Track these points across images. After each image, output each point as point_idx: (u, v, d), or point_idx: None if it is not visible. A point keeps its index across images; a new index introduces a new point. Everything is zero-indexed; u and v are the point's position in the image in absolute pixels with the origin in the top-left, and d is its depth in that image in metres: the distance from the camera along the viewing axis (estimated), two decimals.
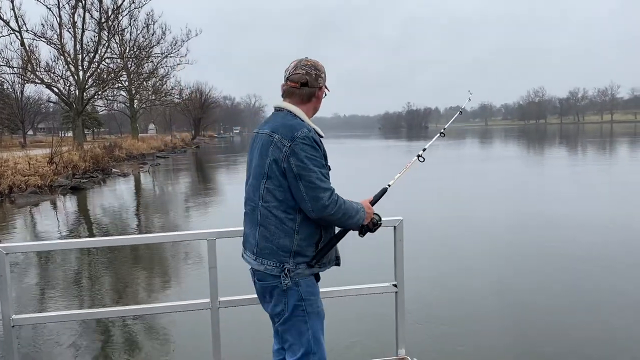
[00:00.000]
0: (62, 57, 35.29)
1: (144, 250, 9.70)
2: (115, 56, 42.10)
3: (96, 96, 41.47)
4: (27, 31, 33.14)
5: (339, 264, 2.61)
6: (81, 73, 36.21)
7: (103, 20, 36.58)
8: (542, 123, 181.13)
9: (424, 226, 10.88)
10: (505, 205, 13.89)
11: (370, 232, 2.62)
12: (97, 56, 37.00)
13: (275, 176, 2.38)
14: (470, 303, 6.52)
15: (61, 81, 36.63)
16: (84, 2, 35.53)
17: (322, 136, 2.50)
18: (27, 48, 33.32)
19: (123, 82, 46.04)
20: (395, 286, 3.02)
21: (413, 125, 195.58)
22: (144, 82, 50.03)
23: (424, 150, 3.01)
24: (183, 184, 24.55)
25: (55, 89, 36.27)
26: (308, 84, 2.48)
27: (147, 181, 26.03)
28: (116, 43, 42.67)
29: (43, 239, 11.29)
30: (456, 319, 6.02)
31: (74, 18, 35.35)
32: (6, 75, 39.16)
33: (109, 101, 54.86)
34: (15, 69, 35.52)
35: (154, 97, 56.03)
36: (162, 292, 7.58)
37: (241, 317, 5.25)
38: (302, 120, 2.45)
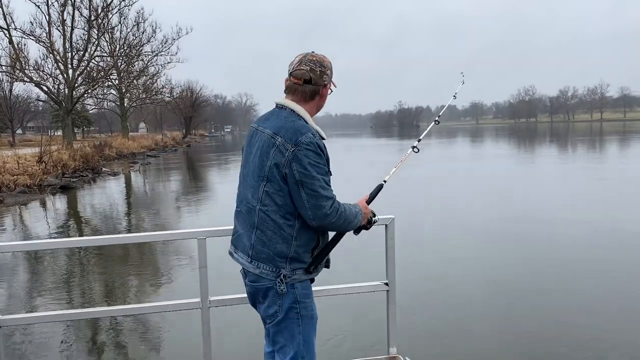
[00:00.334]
0: (51, 55, 35.00)
1: (134, 250, 9.64)
2: (105, 54, 41.82)
3: (86, 95, 41.13)
4: (16, 29, 32.93)
5: (328, 266, 2.56)
6: (70, 71, 35.94)
7: (93, 18, 36.33)
8: (533, 121, 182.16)
9: (414, 225, 10.90)
10: (495, 203, 13.96)
11: (365, 229, 2.58)
12: (86, 54, 36.74)
13: (275, 180, 2.28)
14: (462, 301, 6.54)
15: (50, 79, 36.35)
16: (73, 0, 35.28)
17: (323, 138, 2.39)
18: (16, 46, 33.03)
19: (113, 81, 45.75)
20: (387, 285, 3.01)
21: (405, 123, 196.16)
22: (135, 81, 49.73)
23: (419, 140, 2.96)
24: (174, 183, 24.45)
25: (45, 88, 35.98)
26: (312, 82, 2.35)
27: (137, 180, 25.89)
28: (106, 41, 42.38)
29: (32, 238, 11.19)
30: (447, 317, 6.03)
31: (63, 16, 35.09)
32: None
33: (99, 100, 54.31)
34: (4, 67, 35.23)
35: (144, 96, 55.73)
36: (153, 291, 7.53)
37: (232, 316, 5.22)
38: (306, 122, 2.34)
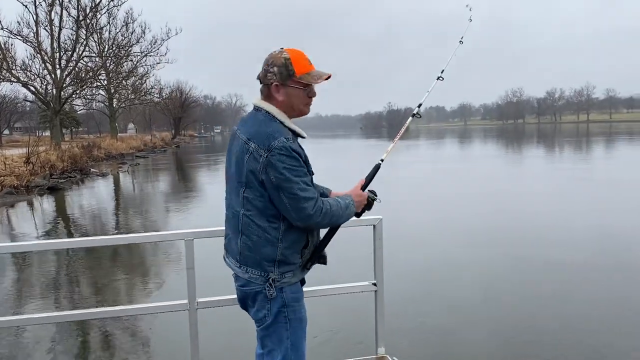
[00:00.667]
0: (38, 55, 34.73)
1: (123, 251, 9.58)
2: (94, 55, 41.54)
3: (74, 95, 40.85)
4: (2, 29, 32.65)
5: (325, 262, 2.55)
6: (58, 72, 35.66)
7: (81, 18, 36.06)
8: (521, 123, 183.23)
9: (403, 225, 10.93)
10: (483, 204, 14.05)
11: (368, 210, 2.58)
12: (75, 55, 36.47)
13: (254, 186, 2.27)
14: (451, 302, 6.57)
15: (38, 80, 36.08)
16: (60, 0, 35.00)
17: (303, 137, 2.37)
18: (3, 46, 32.70)
19: (102, 81, 45.49)
20: (375, 285, 3.03)
21: (394, 124, 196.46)
22: (123, 81, 49.47)
23: (419, 106, 2.90)
24: (163, 183, 24.34)
25: (32, 88, 35.67)
26: (262, 81, 2.35)
27: (126, 181, 25.73)
28: (94, 41, 42.07)
29: (19, 240, 11.09)
30: (436, 317, 6.06)
31: (50, 16, 34.82)
32: None
33: (87, 100, 54.15)
34: None
35: (133, 97, 55.46)
36: (141, 292, 7.49)
37: (220, 318, 5.21)
38: (280, 123, 2.33)
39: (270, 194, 2.25)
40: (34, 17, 34.04)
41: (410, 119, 2.88)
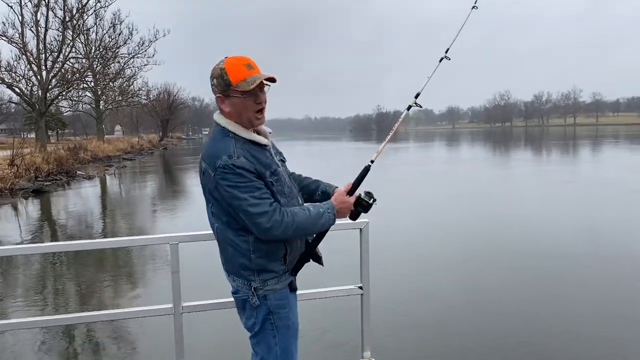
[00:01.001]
0: (24, 56, 34.38)
1: (109, 254, 9.49)
2: (81, 56, 41.26)
3: (60, 97, 40.49)
4: None
5: (321, 263, 2.55)
6: (44, 73, 35.32)
7: (67, 19, 35.76)
8: (508, 126, 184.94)
9: (390, 228, 10.96)
10: (471, 206, 14.13)
11: (365, 212, 2.54)
12: (61, 56, 36.13)
13: (216, 202, 2.30)
14: (436, 304, 6.59)
15: (23, 81, 35.70)
16: (47, 0, 34.71)
17: (263, 144, 2.32)
18: None
19: (88, 83, 45.10)
20: (361, 288, 3.02)
21: (383, 127, 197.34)
22: (110, 83, 49.14)
23: (416, 96, 2.70)
24: (150, 186, 24.18)
25: (17, 90, 35.31)
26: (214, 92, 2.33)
27: (112, 184, 25.53)
28: (81, 43, 41.81)
29: (3, 244, 10.95)
30: (422, 320, 6.07)
31: (36, 17, 34.52)
32: None
33: (73, 102, 53.55)
34: None
35: (120, 98, 55.06)
36: (127, 296, 7.42)
37: (205, 322, 5.18)
38: (231, 137, 2.26)
39: (229, 210, 2.27)
40: (20, 17, 33.79)
41: (405, 112, 2.74)
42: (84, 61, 41.21)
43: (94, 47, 42.59)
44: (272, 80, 2.30)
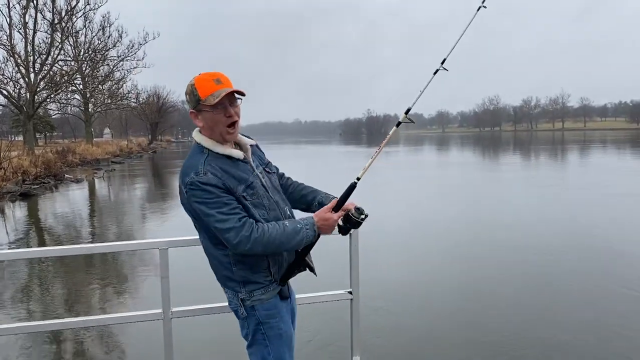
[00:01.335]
0: (12, 58, 34.11)
1: (97, 259, 9.42)
2: (69, 59, 41.01)
3: (48, 99, 40.17)
4: None
5: (314, 271, 2.58)
6: (32, 75, 35.05)
7: (56, 21, 35.55)
8: (497, 130, 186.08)
9: (381, 231, 10.98)
10: (460, 209, 14.20)
11: (355, 228, 2.54)
12: (49, 58, 35.92)
13: (192, 218, 2.37)
14: (426, 308, 6.61)
15: (11, 83, 35.43)
16: (35, 2, 34.47)
17: (238, 158, 2.33)
18: None
19: (77, 85, 44.90)
20: (351, 293, 3.03)
21: (373, 131, 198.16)
22: (100, 86, 48.91)
23: (406, 112, 2.76)
24: (139, 190, 24.04)
25: (5, 92, 34.97)
26: None
27: (101, 187, 25.34)
28: (70, 45, 41.57)
29: None
30: (412, 324, 6.09)
31: (25, 19, 34.28)
32: None
33: (62, 105, 53.10)
34: None
35: (109, 101, 54.77)
36: (116, 302, 7.37)
37: (195, 327, 5.16)
38: (204, 153, 2.30)
39: (205, 225, 2.32)
40: (8, 19, 33.51)
41: (395, 128, 2.78)
42: (72, 64, 40.97)
43: (83, 50, 42.35)
44: (239, 93, 2.32)
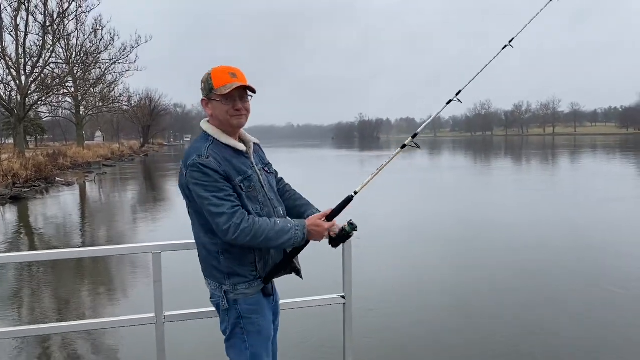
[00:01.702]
0: (2, 61, 33.88)
1: (88, 263, 9.36)
2: (61, 61, 40.79)
3: (39, 102, 39.91)
4: None
5: (300, 275, 2.60)
6: (23, 78, 34.85)
7: (48, 24, 35.38)
8: (489, 135, 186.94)
9: (372, 234, 11.00)
10: (452, 211, 14.25)
11: (343, 242, 2.57)
12: (41, 61, 35.73)
13: (188, 200, 2.40)
14: (420, 309, 6.62)
15: (1, 86, 35.14)
16: (27, 4, 34.30)
17: (240, 150, 2.40)
18: None
19: (69, 88, 44.60)
20: (344, 297, 3.02)
21: (365, 135, 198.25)
22: (91, 89, 48.65)
23: (413, 137, 2.85)
24: (130, 193, 23.93)
25: None
26: None
27: (92, 191, 25.19)
28: (62, 48, 41.36)
29: None
30: (405, 326, 6.09)
31: (16, 21, 34.12)
32: None
33: (53, 107, 52.90)
34: None
35: (101, 104, 54.53)
36: (108, 306, 7.32)
37: (188, 331, 5.14)
38: (209, 140, 2.38)
39: (201, 210, 2.34)
40: None
41: (399, 150, 2.76)
42: (64, 66, 40.75)
43: (74, 53, 42.10)
44: (250, 89, 2.42)
